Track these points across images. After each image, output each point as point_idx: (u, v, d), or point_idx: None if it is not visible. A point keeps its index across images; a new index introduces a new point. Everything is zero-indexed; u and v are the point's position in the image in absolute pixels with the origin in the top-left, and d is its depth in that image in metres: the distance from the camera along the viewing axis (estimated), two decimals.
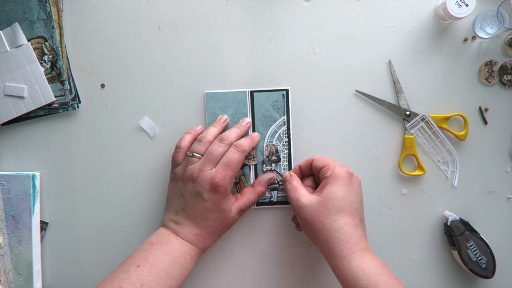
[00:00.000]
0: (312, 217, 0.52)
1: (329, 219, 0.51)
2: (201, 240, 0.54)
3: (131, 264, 0.50)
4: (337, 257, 0.50)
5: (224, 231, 0.56)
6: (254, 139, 0.58)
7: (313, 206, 0.52)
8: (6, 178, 0.59)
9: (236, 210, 0.56)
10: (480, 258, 0.57)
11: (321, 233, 0.51)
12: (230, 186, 0.54)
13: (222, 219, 0.54)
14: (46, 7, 0.57)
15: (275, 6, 0.59)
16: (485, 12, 0.57)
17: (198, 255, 0.55)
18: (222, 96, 0.59)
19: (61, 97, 0.59)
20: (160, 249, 0.52)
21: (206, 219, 0.54)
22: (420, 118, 0.59)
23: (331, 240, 0.51)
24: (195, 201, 0.53)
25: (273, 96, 0.58)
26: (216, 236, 0.56)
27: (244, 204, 0.57)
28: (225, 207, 0.54)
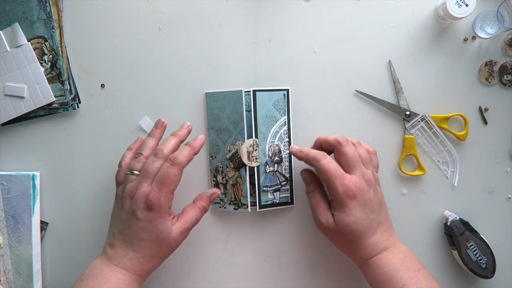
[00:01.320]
0: (329, 237, 0.54)
1: (345, 241, 0.53)
2: (136, 265, 0.50)
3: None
4: (358, 264, 0.54)
5: (164, 254, 0.52)
6: (194, 145, 0.53)
7: (330, 229, 0.52)
8: (6, 178, 0.59)
9: (177, 231, 0.51)
10: (480, 258, 0.57)
11: (340, 246, 0.55)
12: (167, 203, 0.50)
13: (160, 240, 0.50)
14: (46, 7, 0.57)
15: (275, 6, 0.59)
16: (485, 12, 0.57)
17: (135, 282, 0.51)
18: (220, 96, 0.59)
19: (61, 97, 0.59)
20: (89, 284, 0.49)
21: (141, 240, 0.50)
22: (420, 118, 0.59)
23: (351, 252, 0.53)
24: (130, 220, 0.50)
25: (274, 95, 0.58)
26: (155, 259, 0.51)
27: (186, 223, 0.52)
28: (162, 227, 0.50)
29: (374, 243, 0.51)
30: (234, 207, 0.59)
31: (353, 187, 0.50)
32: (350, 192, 0.50)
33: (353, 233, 0.51)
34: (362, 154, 0.53)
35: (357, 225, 0.50)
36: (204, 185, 0.60)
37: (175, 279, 0.61)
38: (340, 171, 0.51)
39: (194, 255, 0.61)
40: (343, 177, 0.50)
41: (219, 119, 0.59)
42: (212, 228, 0.61)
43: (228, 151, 0.59)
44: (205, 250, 0.61)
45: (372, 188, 0.52)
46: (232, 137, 0.58)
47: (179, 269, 0.61)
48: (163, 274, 0.61)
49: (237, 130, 0.58)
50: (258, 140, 0.57)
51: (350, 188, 0.50)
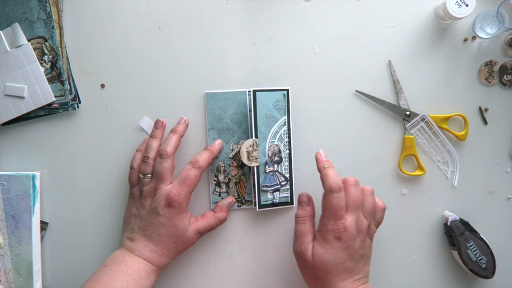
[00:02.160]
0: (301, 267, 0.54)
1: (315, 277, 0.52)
2: (156, 257, 0.54)
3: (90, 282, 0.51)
4: None
5: (180, 250, 0.56)
6: (213, 150, 0.58)
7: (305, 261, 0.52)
8: (6, 178, 0.59)
9: (193, 231, 0.56)
10: (480, 258, 0.57)
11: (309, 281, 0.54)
12: (186, 202, 0.55)
13: (177, 236, 0.55)
14: (46, 7, 0.57)
15: (275, 6, 0.59)
16: (485, 12, 0.57)
17: (154, 272, 0.55)
18: (222, 96, 0.59)
19: (61, 97, 0.59)
20: (113, 269, 0.52)
21: (161, 234, 0.54)
22: (420, 118, 0.59)
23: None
24: (150, 217, 0.54)
25: (275, 96, 0.58)
26: (172, 254, 0.55)
27: (203, 227, 0.56)
28: (180, 224, 0.54)
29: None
30: (238, 205, 0.60)
31: (343, 230, 0.50)
32: (337, 233, 0.50)
33: (326, 271, 0.51)
34: (368, 203, 0.53)
35: (331, 265, 0.50)
36: (205, 185, 0.60)
37: (175, 279, 0.61)
38: (341, 212, 0.51)
39: (194, 255, 0.61)
40: (341, 217, 0.51)
41: (221, 119, 0.59)
42: None
43: (231, 150, 0.59)
44: (205, 250, 0.61)
45: (360, 238, 0.51)
46: (236, 136, 0.59)
47: (179, 269, 0.61)
48: (163, 274, 0.61)
49: (240, 130, 0.59)
50: (258, 140, 0.57)
51: (339, 230, 0.50)
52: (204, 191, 0.60)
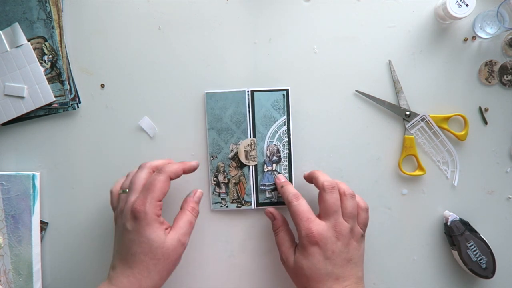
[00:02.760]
0: (290, 276, 0.54)
1: (301, 285, 0.52)
2: (133, 282, 0.48)
3: None
4: None
5: (165, 268, 0.49)
6: (186, 163, 0.54)
7: (288, 268, 0.53)
8: (6, 178, 0.59)
9: (173, 239, 0.50)
10: (480, 258, 0.57)
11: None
12: (154, 211, 0.49)
13: (153, 251, 0.48)
14: (46, 7, 0.57)
15: (275, 6, 0.59)
16: (485, 12, 0.57)
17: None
18: (222, 96, 0.59)
19: (61, 97, 0.59)
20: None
21: (134, 254, 0.48)
22: (420, 118, 0.59)
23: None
24: (122, 235, 0.49)
25: (273, 96, 0.58)
26: (153, 274, 0.48)
27: (181, 228, 0.51)
28: (152, 236, 0.48)
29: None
30: (237, 205, 0.60)
31: (316, 233, 0.50)
32: (311, 238, 0.50)
33: (307, 277, 0.50)
34: (348, 207, 0.52)
35: (311, 271, 0.49)
36: (204, 185, 0.60)
37: (175, 279, 0.61)
38: (308, 215, 0.51)
39: (194, 255, 0.61)
40: (309, 221, 0.50)
41: (221, 119, 0.59)
42: (212, 229, 0.61)
43: (231, 151, 0.59)
44: (205, 250, 0.61)
45: (342, 242, 0.50)
46: (235, 136, 0.59)
47: (179, 269, 0.61)
48: None
49: (240, 130, 0.58)
50: (256, 140, 0.58)
51: (312, 234, 0.50)
52: (204, 192, 0.60)
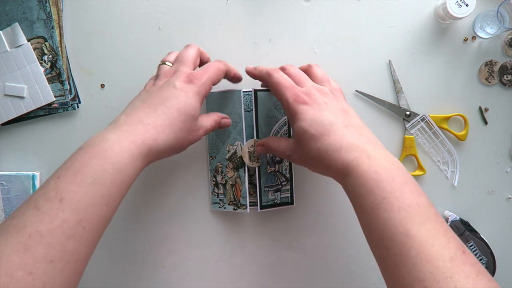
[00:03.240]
0: (302, 160, 0.48)
1: (313, 152, 0.45)
2: (151, 132, 0.42)
3: (52, 176, 0.40)
4: (338, 176, 0.44)
5: (182, 139, 0.46)
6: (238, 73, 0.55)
7: (297, 152, 0.47)
8: (6, 178, 0.59)
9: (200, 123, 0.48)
10: (480, 258, 0.57)
11: (319, 164, 0.46)
12: (207, 88, 0.48)
13: (187, 115, 0.45)
14: (46, 7, 0.57)
15: (275, 6, 0.59)
16: (485, 12, 0.57)
17: (142, 157, 0.42)
18: (219, 96, 0.58)
19: (61, 97, 0.59)
20: (89, 152, 0.40)
21: (170, 107, 0.44)
22: (420, 118, 0.59)
23: (327, 165, 0.44)
24: (163, 89, 0.46)
25: None
26: (171, 136, 0.44)
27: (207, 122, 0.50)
28: (195, 104, 0.46)
29: (347, 144, 0.43)
30: (234, 208, 0.59)
31: (303, 94, 0.46)
32: (300, 99, 0.46)
33: (315, 137, 0.44)
34: (317, 73, 0.51)
35: (315, 127, 0.44)
36: (204, 185, 0.60)
37: (175, 279, 0.61)
38: (292, 83, 0.48)
39: (194, 255, 0.61)
40: (294, 88, 0.47)
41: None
42: (212, 228, 0.61)
43: (227, 151, 0.58)
44: (205, 250, 0.61)
45: (329, 97, 0.47)
46: (231, 137, 0.58)
47: (179, 269, 0.61)
48: (163, 274, 0.61)
49: (236, 130, 0.57)
50: (259, 140, 0.57)
51: (299, 95, 0.46)
52: (204, 191, 0.60)
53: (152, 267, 0.61)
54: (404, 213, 0.38)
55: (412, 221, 0.38)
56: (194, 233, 0.61)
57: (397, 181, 0.40)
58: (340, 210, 0.61)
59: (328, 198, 0.60)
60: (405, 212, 0.38)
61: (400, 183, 0.40)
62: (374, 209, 0.39)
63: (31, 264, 0.35)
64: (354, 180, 0.41)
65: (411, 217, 0.38)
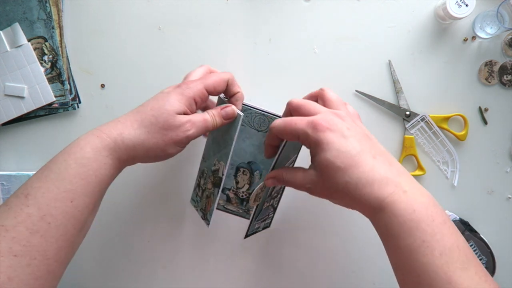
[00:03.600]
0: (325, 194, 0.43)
1: (340, 186, 0.41)
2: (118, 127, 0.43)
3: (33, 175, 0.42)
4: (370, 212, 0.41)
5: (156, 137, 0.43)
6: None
7: (318, 185, 0.42)
8: (6, 178, 0.59)
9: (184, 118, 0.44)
10: (480, 258, 0.57)
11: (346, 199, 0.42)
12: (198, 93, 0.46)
13: (162, 110, 0.43)
14: (46, 7, 0.57)
15: (275, 6, 0.59)
16: (485, 12, 0.57)
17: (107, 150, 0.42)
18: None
19: (61, 97, 0.59)
20: (61, 151, 0.42)
21: (145, 104, 0.45)
22: (420, 118, 0.59)
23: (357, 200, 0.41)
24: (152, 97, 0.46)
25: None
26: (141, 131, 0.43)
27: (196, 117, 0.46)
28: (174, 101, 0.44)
29: (380, 177, 0.40)
30: (201, 216, 0.56)
31: (320, 120, 0.41)
32: (320, 126, 0.41)
33: (342, 170, 0.40)
34: (332, 96, 0.46)
35: (342, 158, 0.40)
36: (191, 181, 0.58)
37: (175, 279, 0.61)
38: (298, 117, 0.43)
39: (194, 255, 0.61)
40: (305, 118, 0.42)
41: (219, 129, 0.50)
42: (212, 228, 0.61)
43: (214, 165, 0.53)
44: (205, 250, 0.61)
45: (348, 120, 0.43)
46: (219, 154, 0.52)
47: (179, 269, 0.61)
48: (163, 274, 0.61)
49: (224, 151, 0.51)
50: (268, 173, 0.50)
51: (317, 122, 0.41)
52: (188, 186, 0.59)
53: (152, 267, 0.61)
54: (446, 258, 0.37)
55: (454, 267, 0.36)
56: (194, 233, 0.61)
57: (437, 222, 0.38)
58: (340, 210, 0.61)
59: None
60: (447, 257, 0.37)
61: (439, 223, 0.38)
62: (412, 252, 0.37)
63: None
64: (390, 218, 0.39)
65: (453, 262, 0.36)
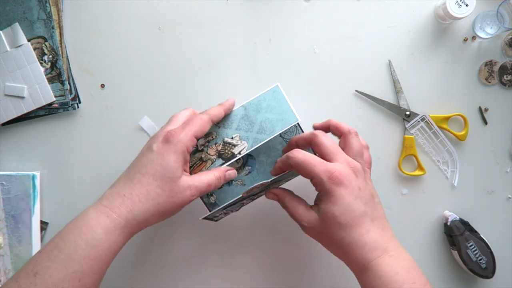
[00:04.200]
0: (318, 239, 0.47)
1: (335, 238, 0.45)
2: (127, 204, 0.43)
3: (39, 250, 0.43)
4: (355, 270, 0.46)
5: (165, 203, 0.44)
6: (224, 103, 0.50)
7: (315, 229, 0.46)
8: (6, 178, 0.59)
9: (186, 183, 0.45)
10: (480, 258, 0.57)
11: (334, 250, 0.47)
12: (187, 143, 0.45)
13: (164, 179, 0.43)
14: (46, 7, 0.57)
15: (275, 6, 0.59)
16: (485, 12, 0.57)
17: (119, 229, 0.43)
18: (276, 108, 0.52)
19: (61, 97, 0.59)
20: (69, 227, 0.43)
21: (145, 174, 0.44)
22: (420, 118, 0.59)
23: (345, 256, 0.46)
24: (142, 155, 0.45)
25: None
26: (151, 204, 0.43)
27: (198, 181, 0.46)
28: (172, 164, 0.44)
29: (372, 242, 0.44)
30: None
31: (338, 172, 0.44)
32: (335, 179, 0.43)
33: (341, 226, 0.43)
34: (354, 146, 0.47)
35: (346, 216, 0.43)
36: None
37: (175, 279, 0.61)
38: (319, 160, 0.45)
39: (194, 255, 0.61)
40: (324, 164, 0.44)
41: (259, 111, 0.51)
42: (212, 228, 0.61)
43: (231, 138, 0.51)
44: (205, 250, 0.61)
45: (361, 177, 0.45)
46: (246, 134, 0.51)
47: (179, 269, 0.61)
48: (163, 274, 0.61)
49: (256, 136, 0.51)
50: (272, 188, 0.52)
51: (334, 174, 0.44)
52: None
53: (152, 267, 0.61)
54: None
55: None
56: (194, 232, 0.61)
57: (418, 284, 0.42)
58: None
59: None
60: None
61: (420, 286, 0.42)
62: None
63: None
64: (374, 278, 0.43)
65: None
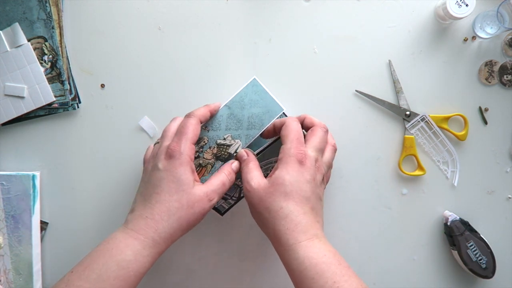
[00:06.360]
0: (258, 203, 0.48)
1: (274, 206, 0.47)
2: (151, 225, 0.46)
3: (70, 271, 0.46)
4: (283, 246, 0.46)
5: (186, 215, 0.47)
6: (210, 105, 0.52)
7: (260, 191, 0.48)
8: (6, 178, 0.59)
9: (202, 191, 0.47)
10: (480, 258, 0.57)
11: (267, 221, 0.47)
12: (188, 152, 0.48)
13: (179, 192, 0.46)
14: (46, 7, 0.57)
15: (275, 6, 0.59)
16: (485, 12, 0.57)
17: (147, 249, 0.46)
18: (259, 101, 0.54)
19: (61, 97, 0.59)
20: (100, 249, 0.46)
21: (159, 193, 0.46)
22: (420, 118, 0.59)
23: (276, 229, 0.46)
24: (151, 177, 0.48)
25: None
26: (174, 219, 0.46)
27: (212, 185, 0.49)
28: (183, 176, 0.47)
29: (305, 224, 0.46)
30: None
31: (306, 153, 0.48)
32: (300, 156, 0.47)
33: (286, 196, 0.46)
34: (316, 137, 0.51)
35: (293, 188, 0.46)
36: None
37: (175, 279, 0.61)
38: (301, 139, 0.49)
39: (194, 255, 0.61)
40: (302, 142, 0.49)
41: (243, 108, 0.53)
42: (212, 228, 0.61)
43: (224, 139, 0.54)
44: (205, 250, 0.61)
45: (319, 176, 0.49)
46: (237, 132, 0.53)
47: (179, 269, 0.61)
48: (163, 274, 0.61)
49: (247, 132, 0.53)
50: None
51: (303, 154, 0.47)
52: None
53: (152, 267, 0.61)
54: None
55: None
56: (194, 232, 0.61)
57: (343, 265, 0.45)
58: (339, 211, 0.61)
59: (329, 200, 0.60)
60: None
61: (345, 267, 0.45)
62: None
63: None
64: (304, 259, 0.44)
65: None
